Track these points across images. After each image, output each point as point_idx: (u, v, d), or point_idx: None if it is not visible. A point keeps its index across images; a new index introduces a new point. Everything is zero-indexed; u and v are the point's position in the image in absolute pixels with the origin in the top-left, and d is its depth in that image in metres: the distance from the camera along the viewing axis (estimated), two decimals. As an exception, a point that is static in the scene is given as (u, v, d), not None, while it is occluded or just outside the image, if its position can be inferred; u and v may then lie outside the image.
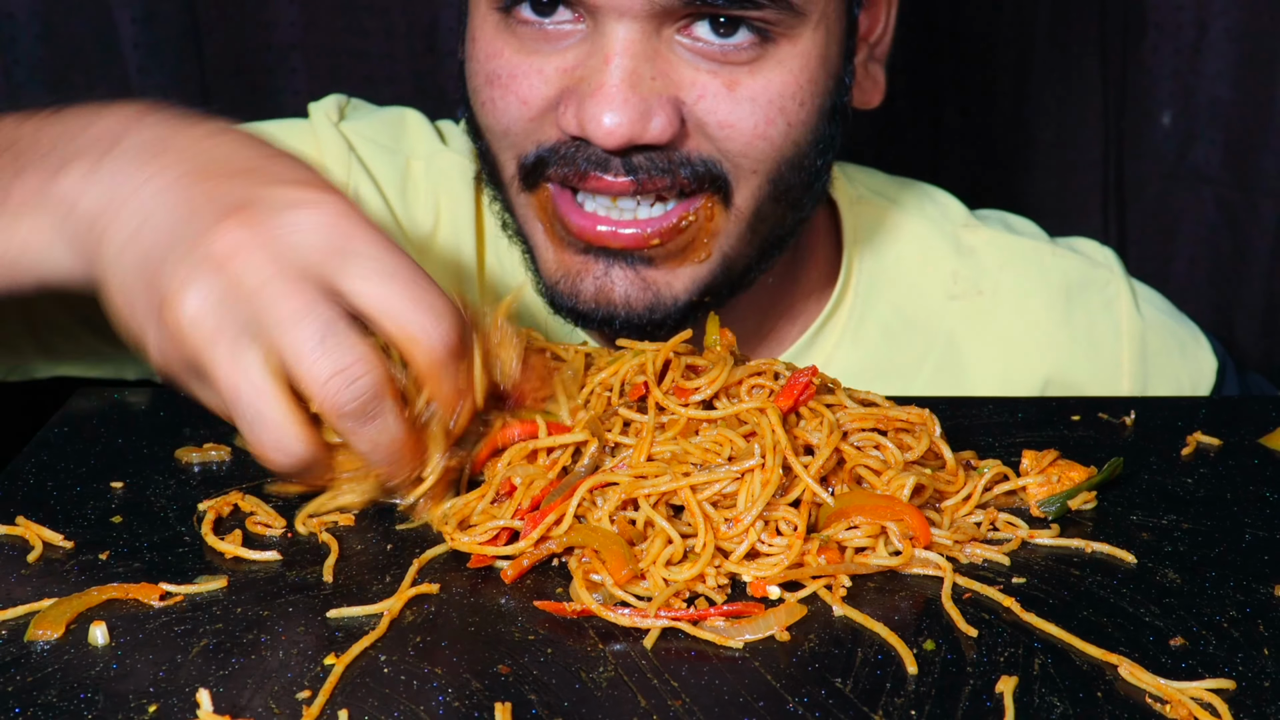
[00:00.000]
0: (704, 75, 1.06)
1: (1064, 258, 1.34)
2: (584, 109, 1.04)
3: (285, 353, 0.80)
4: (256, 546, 0.85)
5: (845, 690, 0.71)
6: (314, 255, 0.82)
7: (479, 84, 1.12)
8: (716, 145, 1.08)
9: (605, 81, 1.03)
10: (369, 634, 0.75)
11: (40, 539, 0.86)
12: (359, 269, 0.82)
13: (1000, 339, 1.32)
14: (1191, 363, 1.35)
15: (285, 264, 0.81)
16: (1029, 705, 0.70)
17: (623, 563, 0.79)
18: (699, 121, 1.07)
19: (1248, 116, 1.84)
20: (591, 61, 1.05)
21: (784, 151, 1.10)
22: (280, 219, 0.82)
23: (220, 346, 0.81)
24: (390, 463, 0.85)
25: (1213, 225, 1.91)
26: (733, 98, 1.07)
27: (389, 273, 0.82)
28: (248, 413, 0.81)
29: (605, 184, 1.07)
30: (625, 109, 1.03)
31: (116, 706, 0.70)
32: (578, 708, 0.70)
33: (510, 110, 1.10)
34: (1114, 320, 1.33)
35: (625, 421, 0.91)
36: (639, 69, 1.04)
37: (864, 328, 1.30)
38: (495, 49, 1.10)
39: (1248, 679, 0.72)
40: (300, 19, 1.89)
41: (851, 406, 0.91)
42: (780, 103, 1.08)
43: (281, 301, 0.80)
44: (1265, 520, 0.89)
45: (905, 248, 1.33)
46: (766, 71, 1.07)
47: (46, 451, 0.99)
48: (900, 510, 0.83)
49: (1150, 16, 1.84)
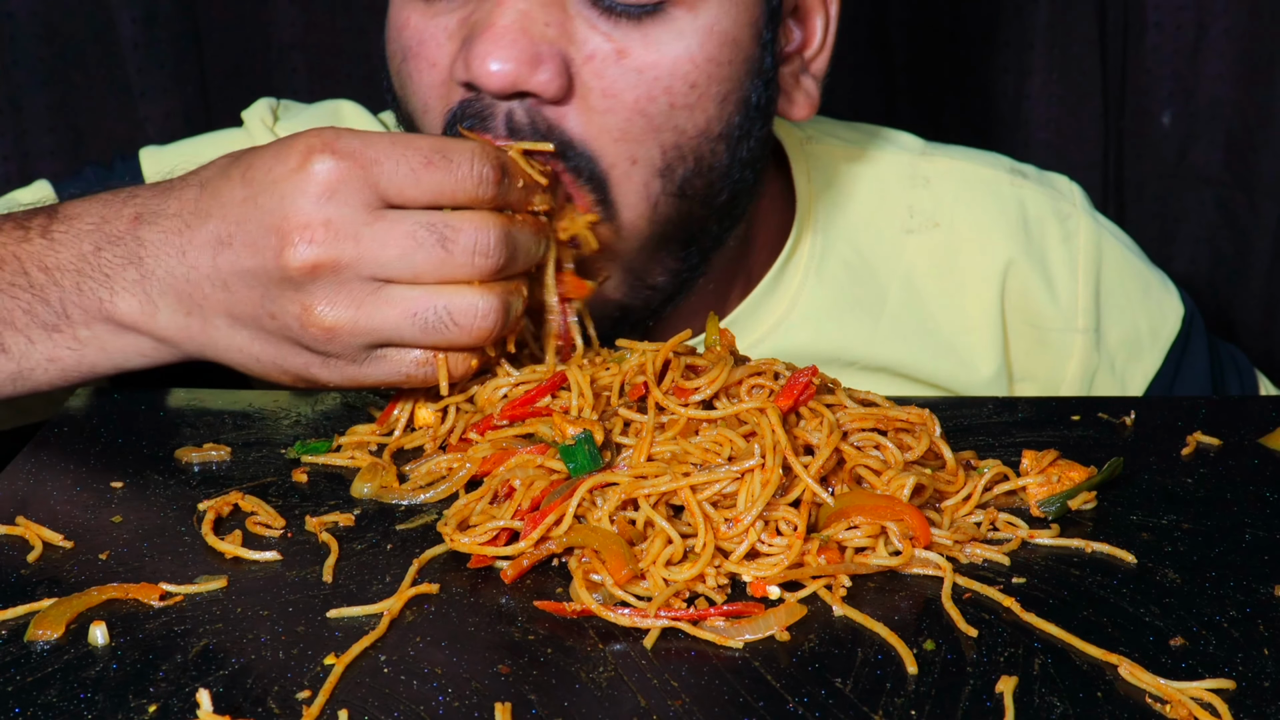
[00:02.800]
0: (597, 36, 1.03)
1: (1022, 187, 1.31)
2: (471, 49, 1.01)
3: (421, 275, 0.92)
4: (256, 546, 0.85)
5: (845, 690, 0.71)
6: (354, 197, 0.91)
7: (398, 63, 1.10)
8: (599, 121, 1.04)
9: (495, 21, 1.01)
10: (369, 634, 0.75)
11: (40, 539, 0.86)
12: (387, 182, 0.92)
13: (958, 273, 1.29)
14: (1154, 307, 1.33)
15: (347, 227, 0.91)
16: (1029, 705, 0.70)
17: (623, 563, 0.79)
18: (584, 87, 1.04)
19: (1248, 116, 1.84)
20: (485, 5, 1.03)
21: (664, 136, 1.06)
22: (309, 202, 0.91)
23: (375, 308, 0.93)
24: (536, 250, 0.98)
25: (1213, 225, 1.91)
26: (620, 65, 1.04)
27: (405, 162, 0.92)
28: (433, 314, 0.93)
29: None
30: (513, 49, 1.00)
31: (116, 706, 0.70)
32: (578, 708, 0.70)
33: (425, 78, 1.07)
34: (1071, 253, 1.30)
35: (625, 421, 0.91)
36: (532, 12, 1.02)
37: (826, 265, 1.27)
38: (403, 19, 1.08)
39: (1248, 679, 0.72)
40: (300, 19, 1.89)
41: (851, 406, 0.91)
42: (668, 80, 1.05)
43: (376, 249, 0.91)
44: (1265, 520, 0.89)
45: (859, 184, 1.30)
46: (661, 42, 1.04)
47: (46, 451, 0.99)
48: (900, 510, 0.83)
49: (1150, 16, 1.84)
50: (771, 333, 1.26)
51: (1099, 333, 1.31)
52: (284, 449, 0.99)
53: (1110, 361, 1.32)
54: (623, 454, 0.88)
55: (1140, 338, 1.33)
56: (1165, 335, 1.33)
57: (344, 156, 0.91)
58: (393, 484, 0.93)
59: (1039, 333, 1.31)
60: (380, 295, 0.92)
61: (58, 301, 0.97)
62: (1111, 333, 1.32)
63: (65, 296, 0.97)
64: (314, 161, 0.91)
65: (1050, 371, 1.32)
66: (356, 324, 0.93)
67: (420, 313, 0.92)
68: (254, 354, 0.97)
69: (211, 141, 1.32)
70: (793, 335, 1.26)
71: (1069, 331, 1.30)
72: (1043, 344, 1.31)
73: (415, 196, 0.93)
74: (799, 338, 1.26)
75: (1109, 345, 1.31)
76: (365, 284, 0.92)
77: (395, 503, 0.91)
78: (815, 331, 1.27)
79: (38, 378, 1.00)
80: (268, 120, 1.31)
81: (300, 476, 0.95)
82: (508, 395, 0.97)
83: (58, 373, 1.00)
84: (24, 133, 1.83)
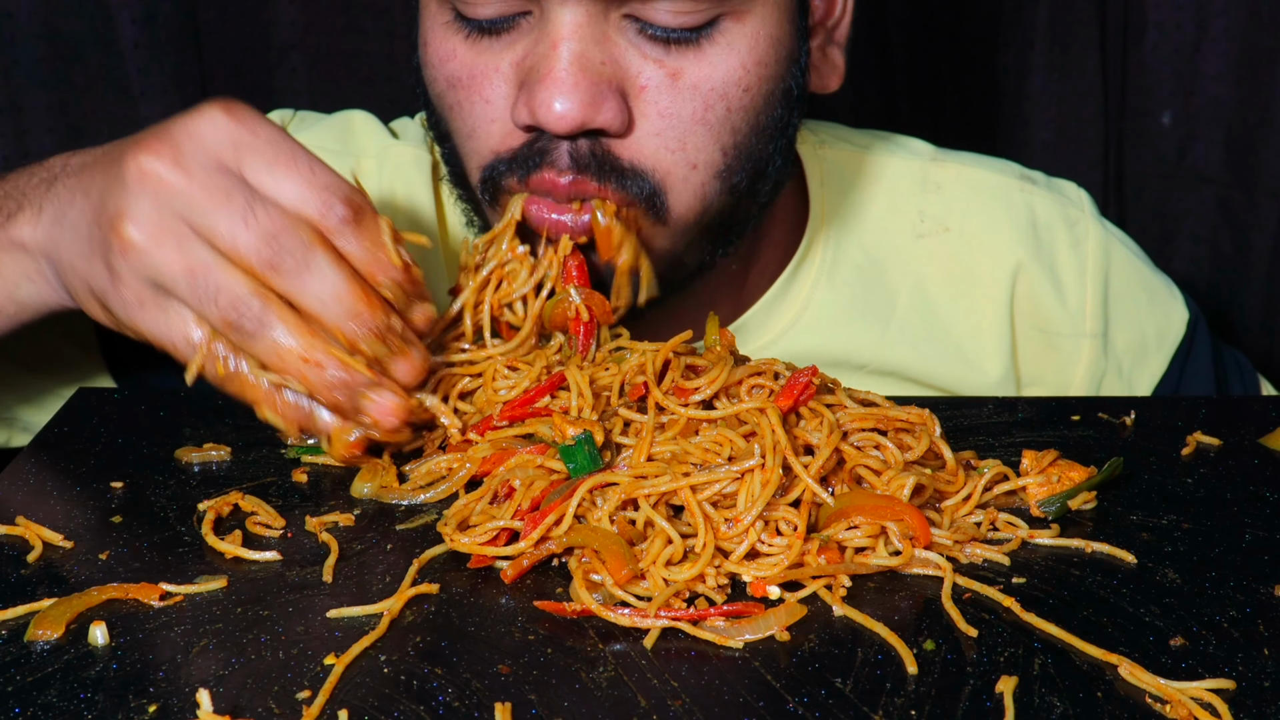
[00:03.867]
0: (650, 65, 1.05)
1: (1032, 193, 1.33)
2: (534, 96, 1.03)
3: (219, 240, 0.89)
4: (256, 546, 0.85)
5: (845, 690, 0.71)
6: (217, 151, 0.91)
7: (441, 89, 1.11)
8: (655, 142, 1.06)
9: (554, 66, 1.02)
10: (369, 634, 0.75)
11: (40, 539, 0.86)
12: (251, 162, 0.92)
13: (968, 277, 1.31)
14: (1160, 311, 1.34)
15: (196, 165, 0.91)
16: (1029, 705, 0.70)
17: (623, 563, 0.79)
18: (642, 114, 1.05)
19: (1248, 116, 1.84)
20: (540, 48, 1.04)
21: (723, 139, 1.08)
22: (180, 132, 0.92)
23: (169, 248, 0.90)
24: (347, 316, 0.90)
25: (1213, 225, 1.91)
26: (675, 87, 1.05)
27: (281, 160, 0.92)
28: (206, 282, 0.89)
29: (551, 183, 1.06)
30: (576, 91, 1.02)
31: (116, 706, 0.70)
32: (578, 708, 0.70)
33: (475, 111, 1.09)
34: (1080, 259, 1.32)
35: (625, 421, 0.91)
36: (588, 52, 1.03)
37: (838, 269, 1.29)
38: (449, 50, 1.10)
39: (1248, 679, 0.72)
40: (300, 19, 1.89)
41: (851, 406, 0.91)
42: (723, 89, 1.07)
43: (203, 195, 0.90)
44: (1265, 520, 0.89)
45: (871, 188, 1.32)
46: (713, 57, 1.06)
47: (46, 451, 0.99)
48: (900, 510, 0.83)
49: (1150, 16, 1.84)
50: (783, 335, 1.28)
51: (1106, 337, 1.32)
52: (284, 449, 0.99)
53: (1118, 366, 1.33)
54: (623, 454, 0.88)
55: (1146, 342, 1.34)
56: (1170, 340, 1.34)
57: (239, 122, 0.93)
58: (393, 484, 0.93)
59: (1047, 337, 1.32)
60: (182, 241, 0.90)
61: None
62: (1119, 337, 1.33)
63: None
64: (207, 108, 0.94)
65: (1058, 375, 1.33)
66: (148, 251, 0.90)
67: (199, 272, 0.89)
68: (73, 257, 0.96)
69: None
70: (804, 338, 1.28)
71: (1077, 336, 1.31)
72: (1051, 348, 1.32)
73: (272, 189, 0.92)
74: (810, 341, 1.28)
75: (1116, 350, 1.33)
76: (178, 223, 0.90)
77: (395, 503, 0.91)
78: (826, 335, 1.28)
79: None
80: None
81: (300, 476, 0.95)
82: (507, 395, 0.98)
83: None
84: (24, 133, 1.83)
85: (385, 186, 1.31)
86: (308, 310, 0.90)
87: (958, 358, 1.30)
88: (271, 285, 0.90)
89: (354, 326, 0.90)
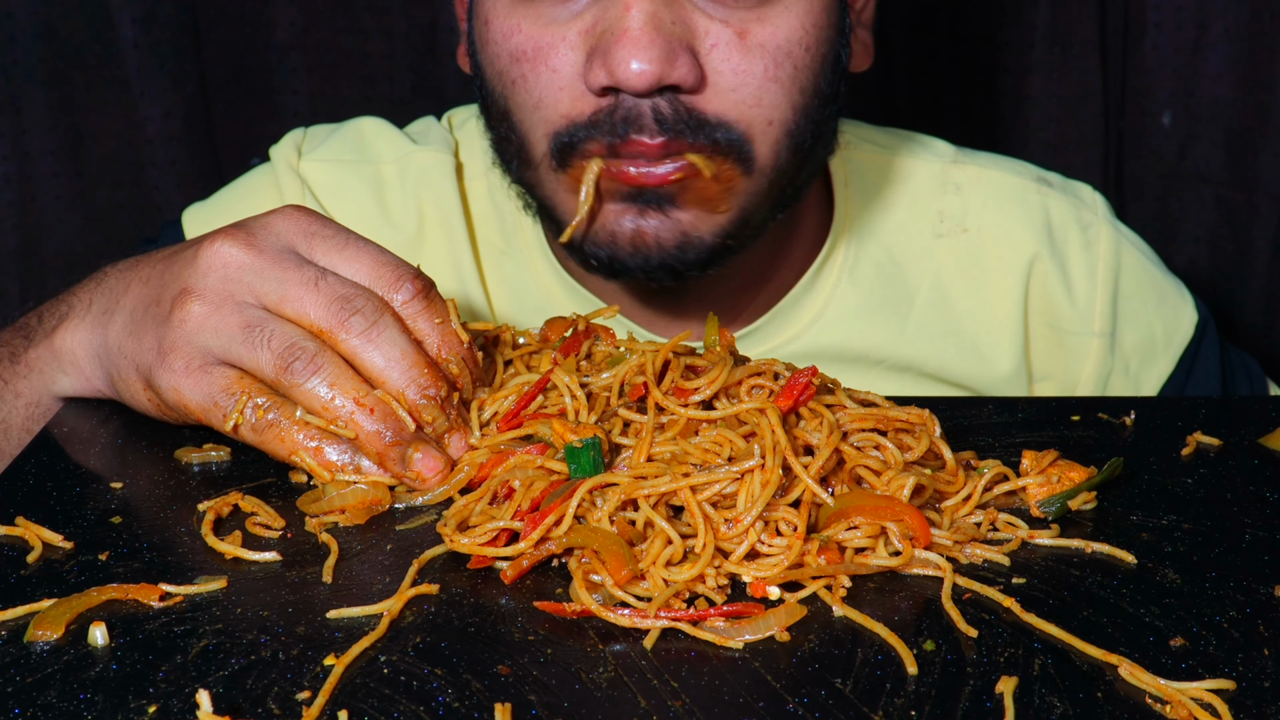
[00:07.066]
0: (716, 24, 1.10)
1: (1048, 195, 1.36)
2: (611, 56, 1.07)
3: (287, 307, 0.92)
4: (256, 547, 0.85)
5: (845, 690, 0.71)
6: (288, 238, 0.95)
7: (505, 64, 1.14)
8: (733, 97, 1.11)
9: (629, 26, 1.07)
10: (369, 634, 0.75)
11: (40, 539, 0.86)
12: (323, 246, 0.95)
13: (984, 274, 1.34)
14: (1169, 313, 1.37)
15: (268, 245, 0.94)
16: (1029, 705, 0.70)
17: (622, 563, 0.79)
18: (715, 71, 1.10)
19: (1248, 116, 1.84)
20: (611, 13, 1.09)
21: (793, 97, 1.13)
22: (254, 222, 0.97)
23: (228, 312, 0.93)
24: (411, 380, 0.92)
25: (1213, 225, 1.91)
26: (744, 46, 1.10)
27: (351, 244, 0.96)
28: (264, 326, 0.92)
29: (643, 146, 1.09)
30: (651, 48, 1.07)
31: (116, 706, 0.70)
32: (578, 708, 0.70)
33: (542, 80, 1.12)
34: (1091, 260, 1.35)
35: (625, 422, 0.91)
36: (659, 13, 1.08)
37: (860, 268, 1.33)
38: (513, 25, 1.13)
39: (1248, 679, 0.72)
40: (300, 19, 1.89)
41: (851, 407, 0.91)
42: (788, 48, 1.12)
43: (273, 265, 0.93)
44: (1265, 520, 0.89)
45: (895, 191, 1.35)
46: (774, 18, 1.11)
47: (46, 451, 0.99)
48: (900, 510, 0.83)
49: (1150, 16, 1.84)
50: (805, 331, 1.31)
51: (1114, 337, 1.35)
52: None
53: (1125, 365, 1.35)
54: (622, 454, 0.88)
55: (1154, 343, 1.36)
56: (1179, 341, 1.37)
57: (310, 216, 0.98)
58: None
59: (1057, 334, 1.35)
60: (243, 306, 0.93)
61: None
62: (1127, 337, 1.35)
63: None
64: (282, 207, 0.98)
65: (1067, 372, 1.35)
66: (206, 316, 0.93)
67: (254, 324, 0.92)
68: (122, 339, 0.99)
69: (244, 188, 1.37)
70: (825, 335, 1.31)
71: (1085, 334, 1.34)
72: (1061, 345, 1.34)
73: (343, 269, 0.96)
74: (832, 337, 1.31)
75: (1124, 349, 1.35)
76: (243, 291, 0.93)
77: (395, 503, 0.91)
78: (846, 331, 1.32)
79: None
80: (292, 159, 1.35)
81: (300, 477, 0.95)
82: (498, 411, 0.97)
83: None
84: (24, 133, 1.83)
85: (410, 192, 1.32)
86: (371, 371, 0.92)
87: (973, 353, 1.33)
88: (335, 343, 0.92)
89: (416, 393, 0.92)
